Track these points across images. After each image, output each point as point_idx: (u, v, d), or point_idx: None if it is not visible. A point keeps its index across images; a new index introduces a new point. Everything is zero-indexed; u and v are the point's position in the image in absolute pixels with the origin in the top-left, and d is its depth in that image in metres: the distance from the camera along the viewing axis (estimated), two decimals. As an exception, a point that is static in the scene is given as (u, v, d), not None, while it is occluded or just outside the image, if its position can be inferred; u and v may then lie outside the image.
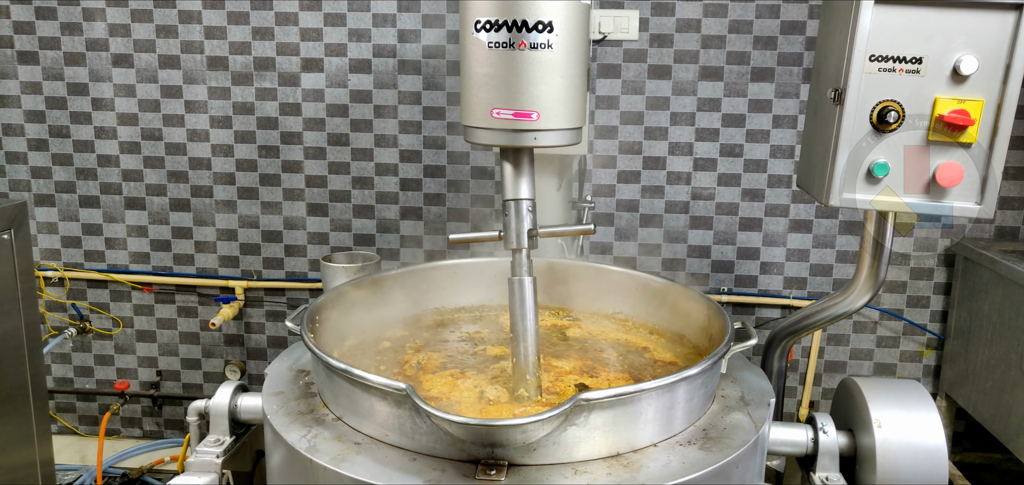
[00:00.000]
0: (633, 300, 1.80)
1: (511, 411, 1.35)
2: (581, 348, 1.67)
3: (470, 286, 1.85)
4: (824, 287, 2.87)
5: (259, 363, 3.10)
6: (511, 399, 1.39)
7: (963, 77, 1.31)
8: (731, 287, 2.90)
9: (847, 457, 1.50)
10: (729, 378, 1.49)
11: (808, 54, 2.69)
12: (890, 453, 1.42)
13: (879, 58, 1.33)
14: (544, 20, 1.28)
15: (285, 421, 1.32)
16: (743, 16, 2.68)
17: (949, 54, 1.31)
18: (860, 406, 1.49)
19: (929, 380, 2.94)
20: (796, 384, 2.96)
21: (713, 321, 1.55)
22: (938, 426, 1.44)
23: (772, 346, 1.83)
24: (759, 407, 1.39)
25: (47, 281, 3.06)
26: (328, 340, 1.54)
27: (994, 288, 2.50)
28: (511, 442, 1.14)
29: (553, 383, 1.49)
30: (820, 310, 1.71)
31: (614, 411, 1.19)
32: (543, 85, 1.31)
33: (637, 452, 1.23)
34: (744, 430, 1.31)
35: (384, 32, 2.78)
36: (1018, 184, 2.74)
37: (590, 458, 1.20)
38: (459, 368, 1.54)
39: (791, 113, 2.73)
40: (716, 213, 2.84)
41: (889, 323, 2.90)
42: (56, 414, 3.19)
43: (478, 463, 1.17)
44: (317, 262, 2.99)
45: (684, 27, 2.70)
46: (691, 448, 1.25)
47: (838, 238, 2.83)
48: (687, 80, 2.74)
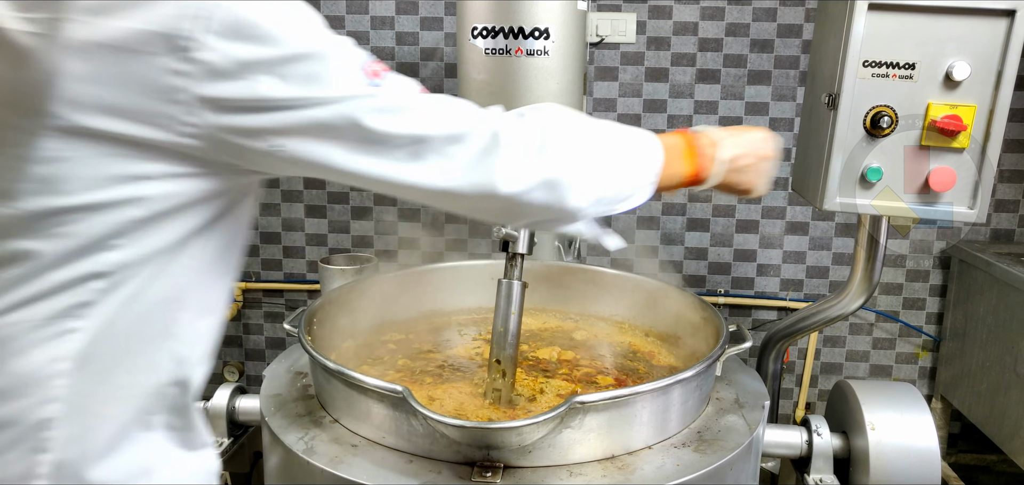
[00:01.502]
0: (629, 302, 1.81)
1: (507, 414, 1.36)
2: (577, 350, 1.68)
3: (468, 288, 1.86)
4: (820, 289, 2.88)
5: (258, 364, 3.11)
6: (487, 402, 1.40)
7: (956, 83, 1.32)
8: (728, 289, 2.91)
9: (841, 459, 1.52)
10: (724, 380, 1.51)
11: (804, 57, 2.70)
12: (883, 455, 1.43)
13: (873, 63, 1.35)
14: (541, 27, 1.29)
15: (283, 423, 1.33)
16: (740, 19, 2.69)
17: (942, 60, 1.32)
18: (854, 408, 1.51)
19: (925, 382, 2.95)
20: (792, 386, 2.97)
21: (708, 324, 1.56)
22: (931, 428, 1.45)
23: (768, 348, 1.84)
24: (753, 409, 1.40)
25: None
26: (326, 342, 1.55)
27: (989, 290, 2.51)
28: (507, 444, 1.16)
29: (546, 386, 1.50)
30: (815, 313, 1.72)
31: (609, 414, 1.20)
32: (540, 91, 1.32)
33: (632, 454, 1.24)
34: (738, 432, 1.32)
35: (382, 35, 2.79)
36: (1013, 187, 2.76)
37: (585, 460, 1.21)
38: (456, 370, 1.55)
39: (788, 116, 2.74)
40: (713, 215, 2.85)
41: (885, 325, 2.91)
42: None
43: (474, 465, 1.18)
44: (315, 264, 3.00)
45: (681, 30, 2.71)
46: (685, 450, 1.26)
47: (834, 240, 2.84)
48: (684, 83, 2.75)
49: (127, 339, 0.78)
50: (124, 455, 0.81)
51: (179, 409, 0.86)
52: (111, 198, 0.73)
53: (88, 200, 0.72)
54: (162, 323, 0.81)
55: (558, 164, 0.92)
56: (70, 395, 0.76)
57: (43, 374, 0.74)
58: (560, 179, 0.92)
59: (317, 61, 0.77)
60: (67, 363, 0.75)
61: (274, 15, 0.74)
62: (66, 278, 0.74)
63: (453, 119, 0.87)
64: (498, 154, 0.88)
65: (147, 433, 0.83)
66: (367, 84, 0.80)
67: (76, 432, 0.77)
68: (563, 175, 0.92)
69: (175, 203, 0.77)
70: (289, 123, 0.77)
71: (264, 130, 0.76)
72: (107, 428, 0.79)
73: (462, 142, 0.87)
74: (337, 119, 0.78)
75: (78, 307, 0.74)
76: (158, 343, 0.82)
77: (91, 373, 0.76)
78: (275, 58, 0.74)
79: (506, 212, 0.95)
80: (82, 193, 0.72)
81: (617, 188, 1.01)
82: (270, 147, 0.78)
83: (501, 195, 0.89)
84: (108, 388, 0.78)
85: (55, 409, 0.75)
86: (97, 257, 0.74)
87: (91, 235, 0.73)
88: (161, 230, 0.77)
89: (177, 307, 0.82)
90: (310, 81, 0.76)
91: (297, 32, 0.76)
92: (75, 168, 0.71)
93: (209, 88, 0.72)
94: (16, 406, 0.75)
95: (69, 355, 0.75)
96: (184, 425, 0.87)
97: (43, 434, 0.75)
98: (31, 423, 0.75)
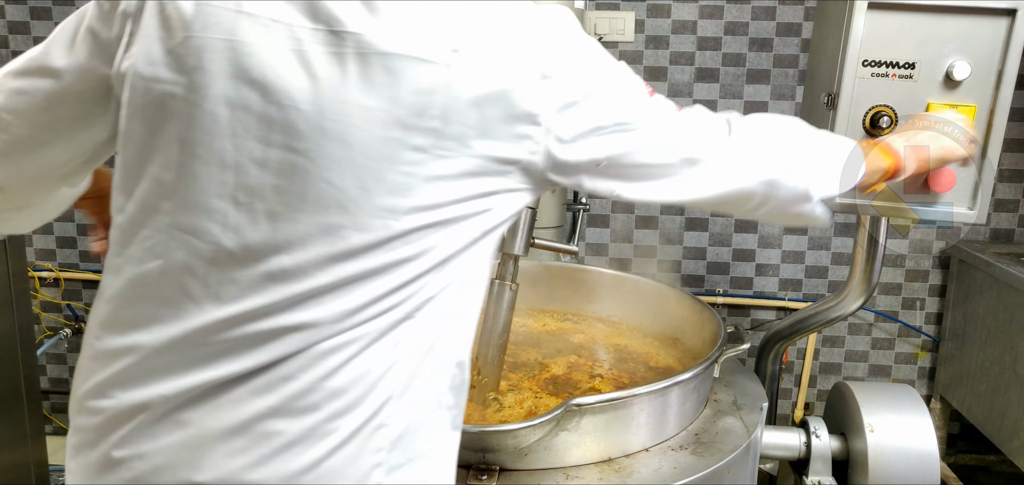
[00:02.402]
0: (626, 303, 1.80)
1: (502, 416, 1.35)
2: (574, 351, 1.66)
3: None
4: (820, 289, 2.87)
5: (254, 364, 3.10)
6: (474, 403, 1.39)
7: (956, 82, 1.31)
8: (726, 289, 2.90)
9: (840, 461, 1.51)
10: (722, 382, 1.50)
11: (803, 56, 2.69)
12: (882, 457, 1.42)
13: (872, 63, 1.33)
14: (537, 24, 1.28)
15: (277, 425, 1.32)
16: (739, 18, 2.68)
17: (942, 59, 1.31)
18: (852, 410, 1.50)
19: (924, 382, 2.94)
20: (791, 386, 2.97)
21: (706, 324, 1.55)
22: (930, 430, 1.44)
23: (766, 349, 1.83)
24: (751, 411, 1.39)
25: (42, 282, 3.05)
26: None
27: (989, 291, 2.51)
28: (502, 447, 1.15)
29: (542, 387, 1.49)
30: (814, 313, 1.71)
31: (606, 416, 1.19)
32: (536, 89, 1.31)
33: (629, 457, 1.23)
34: (736, 434, 1.31)
35: (380, 33, 2.78)
36: (1013, 187, 2.75)
37: (582, 463, 1.20)
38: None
39: (787, 115, 2.73)
40: (711, 214, 2.84)
41: (884, 325, 2.91)
42: (50, 415, 3.19)
43: (469, 468, 1.17)
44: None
45: (680, 28, 2.70)
46: (683, 453, 1.25)
47: (833, 240, 2.83)
48: (683, 82, 2.74)
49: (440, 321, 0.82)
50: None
51: (456, 388, 0.87)
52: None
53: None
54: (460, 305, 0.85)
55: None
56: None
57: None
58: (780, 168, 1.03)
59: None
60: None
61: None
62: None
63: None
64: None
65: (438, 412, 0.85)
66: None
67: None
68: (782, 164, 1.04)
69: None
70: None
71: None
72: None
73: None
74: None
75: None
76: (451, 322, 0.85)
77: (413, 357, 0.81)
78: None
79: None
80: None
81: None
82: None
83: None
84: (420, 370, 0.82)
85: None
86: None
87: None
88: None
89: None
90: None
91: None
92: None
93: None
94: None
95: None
96: (456, 404, 0.88)
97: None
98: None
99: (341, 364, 0.76)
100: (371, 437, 0.78)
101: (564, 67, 0.81)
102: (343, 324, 0.76)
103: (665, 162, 0.92)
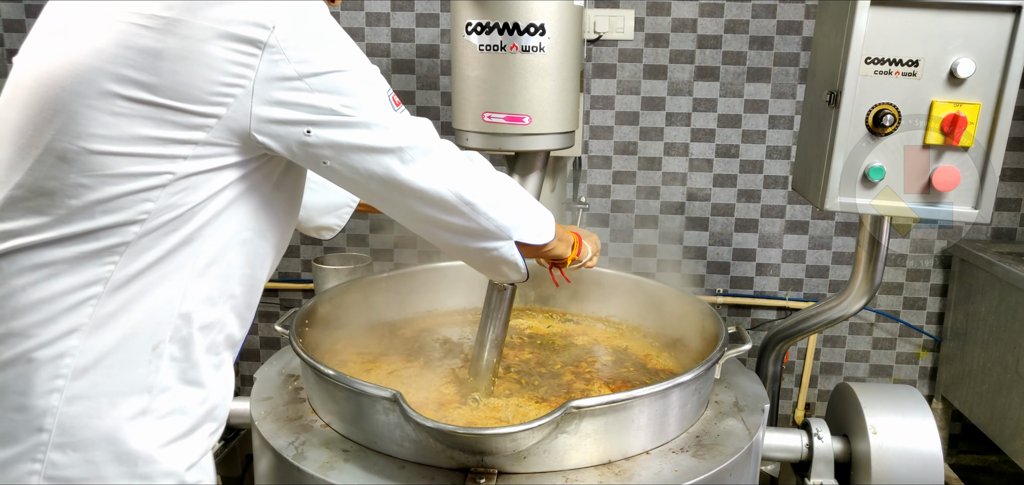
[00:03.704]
0: (626, 303, 1.78)
1: (501, 420, 1.34)
2: (573, 352, 1.65)
3: (463, 289, 1.84)
4: (820, 288, 2.85)
5: (252, 364, 3.08)
6: (462, 401, 1.38)
7: (960, 80, 1.30)
8: (727, 288, 2.88)
9: (842, 463, 1.49)
10: (723, 383, 1.48)
11: (804, 54, 2.67)
12: (885, 459, 1.41)
13: (875, 60, 1.32)
14: (536, 22, 1.26)
15: (273, 427, 1.30)
16: (739, 16, 2.66)
17: (946, 57, 1.30)
18: (855, 411, 1.48)
19: (925, 382, 2.93)
20: (792, 386, 2.95)
21: (707, 325, 1.53)
22: (933, 432, 1.43)
23: (767, 350, 1.81)
24: (753, 413, 1.38)
25: (38, 281, 3.03)
26: (318, 344, 1.53)
27: (991, 290, 2.49)
28: (501, 450, 1.13)
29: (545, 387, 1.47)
30: (816, 314, 1.70)
31: (605, 418, 1.17)
32: (535, 89, 1.29)
33: (629, 460, 1.21)
34: (738, 436, 1.29)
35: (377, 31, 2.76)
36: (1015, 186, 2.73)
37: (581, 466, 1.18)
38: (452, 372, 1.53)
39: (787, 114, 2.71)
40: (712, 214, 2.82)
41: (885, 325, 2.89)
42: (48, 415, 3.17)
43: (468, 471, 1.15)
44: (310, 263, 2.97)
45: (680, 27, 2.68)
46: (684, 455, 1.23)
47: (834, 239, 2.81)
48: (683, 80, 2.72)
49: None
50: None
51: (182, 340, 0.93)
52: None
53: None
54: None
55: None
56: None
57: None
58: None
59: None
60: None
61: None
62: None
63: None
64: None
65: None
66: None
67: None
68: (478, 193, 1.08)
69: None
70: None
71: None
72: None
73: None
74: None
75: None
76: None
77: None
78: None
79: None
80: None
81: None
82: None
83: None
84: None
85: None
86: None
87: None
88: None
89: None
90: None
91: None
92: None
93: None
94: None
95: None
96: (185, 358, 0.94)
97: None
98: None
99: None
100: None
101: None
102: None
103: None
